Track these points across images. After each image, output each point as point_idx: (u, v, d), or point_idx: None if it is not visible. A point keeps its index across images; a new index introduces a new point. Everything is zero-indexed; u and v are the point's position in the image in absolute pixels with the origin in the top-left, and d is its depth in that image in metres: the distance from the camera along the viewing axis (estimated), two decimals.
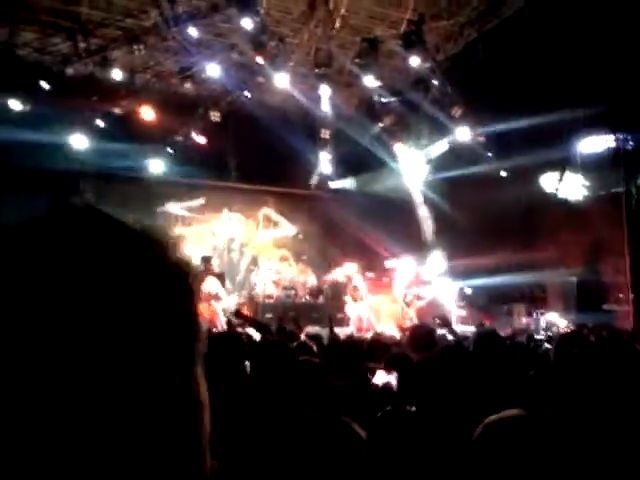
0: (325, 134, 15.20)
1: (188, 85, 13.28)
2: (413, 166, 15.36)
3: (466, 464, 1.41)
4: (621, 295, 11.35)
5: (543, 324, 11.23)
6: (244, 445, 2.21)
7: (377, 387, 3.59)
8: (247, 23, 11.25)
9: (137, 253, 0.59)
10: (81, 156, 13.04)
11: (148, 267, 0.58)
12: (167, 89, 14.04)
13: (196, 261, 14.54)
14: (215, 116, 14.01)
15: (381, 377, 3.68)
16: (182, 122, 14.03)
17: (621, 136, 11.65)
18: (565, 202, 12.62)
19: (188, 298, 0.61)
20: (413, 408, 3.18)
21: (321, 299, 14.38)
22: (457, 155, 14.05)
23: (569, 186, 12.75)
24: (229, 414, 2.59)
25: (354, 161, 15.60)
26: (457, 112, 13.44)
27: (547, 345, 6.63)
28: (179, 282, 0.61)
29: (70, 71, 12.24)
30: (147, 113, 13.30)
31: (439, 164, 14.87)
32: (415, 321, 12.08)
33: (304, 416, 1.67)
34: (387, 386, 3.65)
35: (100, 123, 13.02)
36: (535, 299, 12.73)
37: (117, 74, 12.56)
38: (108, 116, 13.00)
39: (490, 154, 13.77)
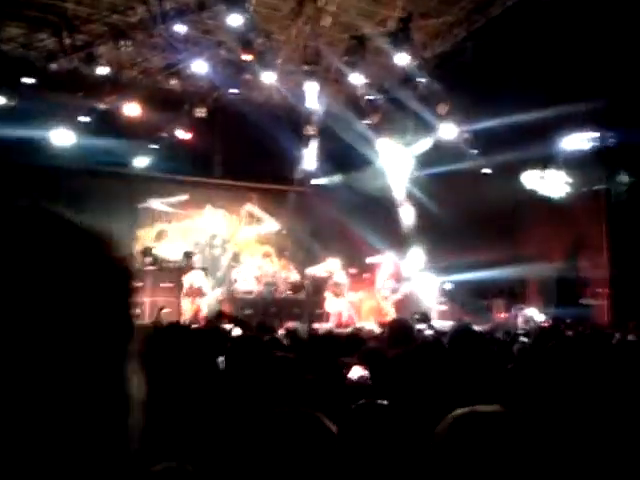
0: (310, 131, 15.25)
1: (174, 81, 13.26)
2: (398, 163, 15.45)
3: (431, 458, 1.39)
4: (599, 290, 11.52)
5: (522, 319, 11.38)
6: (214, 441, 2.29)
7: (352, 381, 3.66)
8: (235, 20, 11.25)
9: (75, 250, 0.60)
10: (65, 152, 13.01)
11: (84, 264, 0.60)
12: (153, 85, 14.03)
13: (179, 256, 14.60)
14: (201, 112, 14.02)
15: (356, 372, 3.75)
16: (168, 118, 14.03)
17: (602, 133, 11.81)
18: (547, 199, 12.77)
19: (124, 296, 0.63)
20: (385, 402, 3.28)
21: (302, 295, 14.45)
22: (442, 152, 14.15)
23: (551, 183, 12.90)
24: (201, 410, 2.67)
25: (339, 158, 15.64)
26: (443, 110, 13.54)
27: (524, 339, 6.73)
28: (115, 280, 0.62)
29: (55, 66, 12.20)
30: (132, 109, 13.28)
31: (424, 161, 14.97)
32: (393, 316, 12.19)
33: (274, 411, 1.72)
34: (362, 381, 3.72)
35: (85, 119, 12.98)
36: (515, 294, 12.88)
37: (103, 70, 12.53)
38: (93, 112, 12.95)
39: (475, 151, 13.90)
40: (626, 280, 10.55)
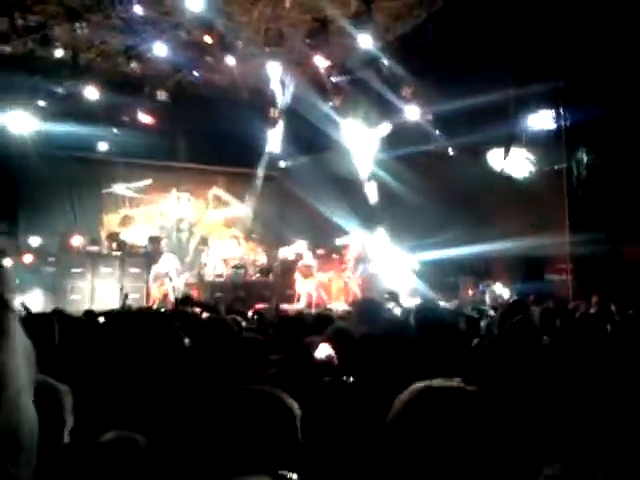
0: (275, 113, 15.15)
1: (134, 64, 12.98)
2: (363, 144, 15.47)
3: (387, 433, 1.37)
4: (562, 266, 11.78)
5: (489, 295, 11.58)
6: (177, 419, 2.26)
7: (319, 360, 3.65)
8: (195, 1, 11.03)
9: None
10: (25, 137, 12.71)
11: None
12: (113, 68, 13.72)
13: (145, 241, 14.45)
14: (162, 96, 13.79)
15: (323, 350, 3.74)
16: (129, 102, 13.77)
17: (562, 112, 11.97)
18: (511, 178, 12.92)
19: None
20: (351, 379, 3.28)
21: (271, 277, 14.44)
22: (406, 134, 14.22)
23: (515, 162, 13.05)
24: (166, 387, 2.64)
25: (305, 140, 15.60)
26: (407, 91, 13.58)
27: (491, 315, 6.83)
28: None
29: (9, 49, 11.82)
30: (92, 93, 13.00)
31: (389, 142, 15.02)
32: (360, 295, 12.26)
33: (236, 390, 1.69)
34: (328, 359, 3.71)
35: (43, 103, 12.66)
36: (481, 272, 13.08)
37: (59, 52, 12.19)
38: (52, 96, 12.65)
39: (439, 132, 14.00)
40: (587, 256, 10.78)
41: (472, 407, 1.33)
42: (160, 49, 12.79)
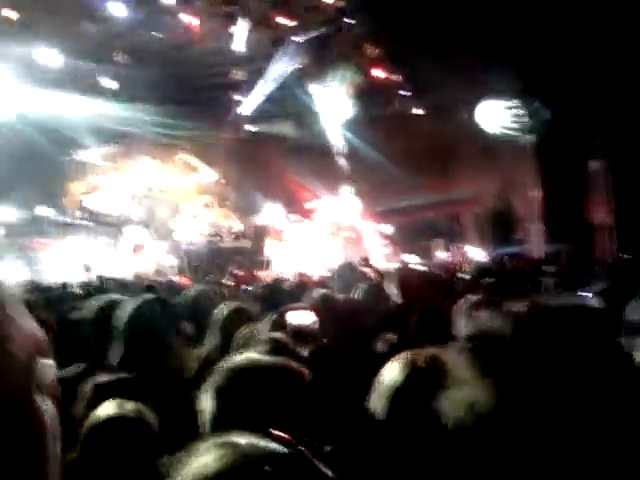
0: (238, 75, 14.80)
1: (91, 24, 12.48)
2: (330, 107, 15.31)
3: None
4: (531, 225, 11.97)
5: (461, 257, 11.72)
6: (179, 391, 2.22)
7: (296, 328, 3.56)
8: None
9: None
10: None
11: None
12: (68, 30, 13.15)
13: (114, 210, 14.15)
14: (121, 57, 13.33)
15: (297, 317, 3.65)
16: (88, 66, 13.28)
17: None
18: (480, 138, 12.91)
19: None
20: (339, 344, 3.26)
21: (245, 243, 14.35)
22: (373, 95, 14.11)
23: (487, 117, 12.98)
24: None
25: (271, 103, 15.34)
26: (371, 51, 13.42)
27: (464, 277, 6.90)
28: None
29: None
30: (51, 56, 12.48)
31: (356, 105, 14.90)
32: (336, 260, 12.26)
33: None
34: (303, 326, 3.63)
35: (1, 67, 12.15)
36: (453, 234, 13.21)
37: (11, 13, 11.63)
38: (8, 59, 12.13)
39: (404, 92, 13.93)
40: (557, 213, 10.94)
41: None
42: (117, 8, 12.30)
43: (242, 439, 0.65)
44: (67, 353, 2.63)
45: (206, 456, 0.62)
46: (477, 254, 11.39)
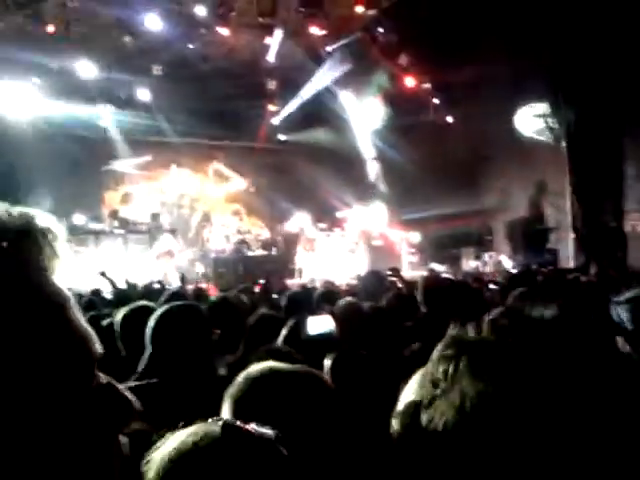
0: (272, 85, 14.98)
1: (128, 38, 12.78)
2: (361, 116, 15.36)
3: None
4: (564, 234, 11.77)
5: (491, 266, 11.59)
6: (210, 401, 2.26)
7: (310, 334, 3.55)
8: None
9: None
10: (20, 116, 12.60)
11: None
12: (106, 42, 13.50)
13: (146, 218, 14.43)
14: (158, 70, 13.61)
15: (319, 325, 3.66)
16: (124, 78, 13.60)
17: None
18: (512, 145, 12.77)
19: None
20: (363, 352, 3.27)
21: (274, 251, 14.44)
22: (405, 103, 14.11)
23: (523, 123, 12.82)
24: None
25: (303, 112, 15.46)
26: (403, 60, 13.44)
27: (494, 287, 6.82)
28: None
29: (1, 26, 11.60)
30: (87, 69, 12.82)
31: (388, 113, 14.92)
32: (365, 269, 12.26)
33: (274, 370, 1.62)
34: (323, 333, 3.63)
35: (37, 80, 12.52)
36: (483, 243, 13.07)
37: (50, 28, 12.01)
38: (46, 73, 12.51)
39: (437, 101, 13.89)
40: (589, 223, 10.77)
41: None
42: (153, 22, 12.58)
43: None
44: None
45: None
46: (508, 263, 11.25)
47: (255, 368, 1.49)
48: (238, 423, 0.88)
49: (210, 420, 0.87)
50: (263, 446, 0.84)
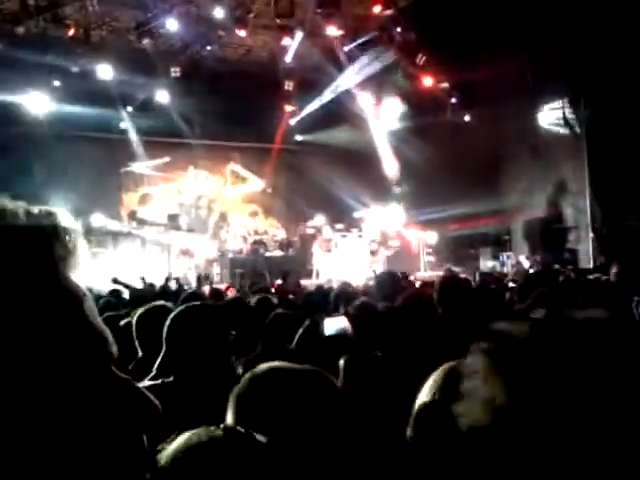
0: (289, 86, 15.02)
1: (146, 41, 12.90)
2: (379, 116, 15.33)
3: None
4: (583, 234, 11.63)
5: (509, 266, 11.50)
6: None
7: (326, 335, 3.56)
8: None
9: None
10: (43, 117, 12.78)
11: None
12: (124, 45, 13.65)
13: (164, 219, 14.56)
14: (176, 72, 13.71)
15: (334, 324, 3.66)
16: (142, 79, 13.73)
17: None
18: (530, 145, 12.65)
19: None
20: (379, 353, 3.26)
21: (291, 252, 14.47)
22: (422, 103, 14.06)
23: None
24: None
25: (320, 112, 15.47)
26: (421, 59, 13.39)
27: (513, 286, 6.78)
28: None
29: (21, 30, 11.77)
30: (106, 71, 12.97)
31: (405, 113, 14.87)
32: (381, 269, 12.22)
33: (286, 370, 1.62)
34: (339, 334, 3.63)
35: (58, 83, 12.69)
36: (501, 242, 12.96)
37: (71, 31, 12.18)
38: (66, 75, 12.68)
39: (454, 100, 13.82)
40: (609, 223, 10.64)
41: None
42: (172, 24, 12.68)
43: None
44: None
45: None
46: (526, 263, 11.15)
47: (260, 367, 1.48)
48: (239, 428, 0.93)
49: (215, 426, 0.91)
50: (261, 451, 0.88)
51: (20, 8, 11.65)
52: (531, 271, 9.34)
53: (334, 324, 3.11)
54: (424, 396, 1.43)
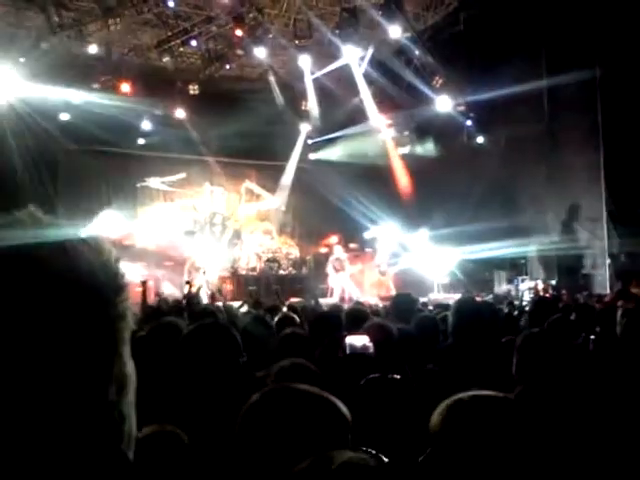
0: (306, 106, 15.14)
1: (166, 59, 13.08)
2: (394, 136, 15.38)
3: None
4: (599, 261, 11.51)
5: (523, 290, 11.39)
6: (222, 417, 2.25)
7: (353, 350, 3.53)
8: None
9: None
10: (61, 133, 12.92)
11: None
12: (145, 63, 13.85)
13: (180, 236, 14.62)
14: (194, 90, 13.87)
15: (359, 340, 3.62)
16: (161, 96, 13.89)
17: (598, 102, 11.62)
18: (547, 169, 12.60)
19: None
20: (397, 376, 3.21)
21: (304, 271, 14.43)
22: (439, 124, 14.09)
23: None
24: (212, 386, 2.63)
25: (336, 131, 15.56)
26: (438, 82, 13.45)
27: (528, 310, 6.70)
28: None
29: (45, 46, 11.97)
30: (125, 88, 13.14)
31: (421, 134, 14.91)
32: (394, 290, 12.16)
33: (288, 389, 1.61)
34: (364, 350, 3.60)
35: (78, 99, 12.87)
36: (516, 266, 12.85)
37: (93, 49, 12.38)
38: (87, 91, 12.85)
39: (471, 122, 13.84)
40: (626, 249, 10.54)
41: (513, 416, 1.32)
42: (192, 43, 12.86)
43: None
44: None
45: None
46: (541, 288, 11.04)
47: (269, 387, 1.48)
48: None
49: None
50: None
51: (45, 24, 11.86)
52: (540, 296, 9.27)
53: (356, 342, 3.07)
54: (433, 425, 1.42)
